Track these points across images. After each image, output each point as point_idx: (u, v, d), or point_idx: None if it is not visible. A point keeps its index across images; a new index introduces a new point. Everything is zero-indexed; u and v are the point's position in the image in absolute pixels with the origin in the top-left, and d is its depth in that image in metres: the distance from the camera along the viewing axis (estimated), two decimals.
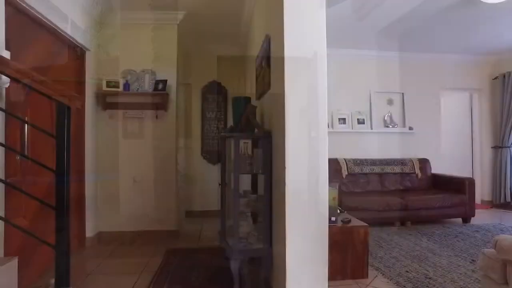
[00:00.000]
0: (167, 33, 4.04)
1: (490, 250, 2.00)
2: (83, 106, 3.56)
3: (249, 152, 2.64)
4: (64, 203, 1.47)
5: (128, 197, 3.91)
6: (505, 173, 5.53)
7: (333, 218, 2.70)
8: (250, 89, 4.12)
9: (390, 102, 5.62)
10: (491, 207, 5.76)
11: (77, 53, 3.52)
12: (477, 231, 4.21)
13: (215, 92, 5.22)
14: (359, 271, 2.76)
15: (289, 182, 1.92)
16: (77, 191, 3.50)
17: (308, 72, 1.97)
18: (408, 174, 5.22)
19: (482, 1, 3.59)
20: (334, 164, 4.96)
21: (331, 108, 5.35)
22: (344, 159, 5.09)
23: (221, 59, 5.26)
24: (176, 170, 4.07)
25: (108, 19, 3.89)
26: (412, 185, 5.18)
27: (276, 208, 2.24)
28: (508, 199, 5.51)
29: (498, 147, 5.73)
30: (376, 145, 5.48)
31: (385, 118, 5.57)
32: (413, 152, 5.59)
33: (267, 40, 2.61)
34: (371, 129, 5.46)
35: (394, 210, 4.39)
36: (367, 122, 5.47)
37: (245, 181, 3.79)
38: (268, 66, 2.58)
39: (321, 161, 1.96)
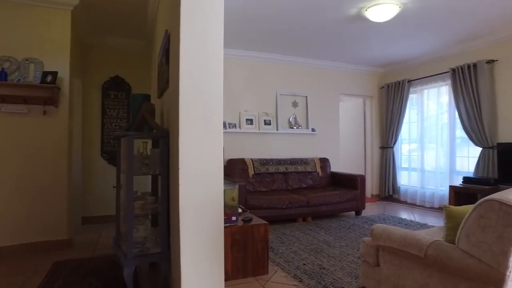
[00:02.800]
0: (58, 19, 3.60)
1: (368, 238, 2.24)
2: None
3: (147, 152, 2.50)
4: None
5: (5, 205, 3.37)
6: (389, 170, 6.38)
7: (233, 218, 2.72)
8: (154, 87, 3.93)
9: (295, 104, 5.95)
10: (378, 200, 6.58)
11: None
12: (366, 222, 4.74)
13: (117, 88, 4.84)
14: (260, 268, 2.83)
15: (182, 182, 1.85)
16: None
17: (204, 70, 1.94)
18: (310, 172, 5.59)
19: (369, 19, 4.06)
20: (241, 164, 5.05)
21: (239, 108, 5.45)
22: (251, 159, 5.21)
23: (126, 54, 4.92)
24: (69, 172, 3.65)
25: None
26: (314, 183, 5.56)
27: (172, 209, 2.16)
28: (391, 192, 6.36)
29: (384, 147, 6.57)
30: (282, 146, 5.76)
31: (290, 120, 5.87)
32: (315, 152, 6.05)
33: (167, 36, 2.50)
34: (277, 130, 5.69)
35: (296, 207, 4.63)
36: (273, 123, 5.69)
37: (148, 183, 3.60)
38: (168, 63, 2.48)
39: (216, 161, 1.94)
